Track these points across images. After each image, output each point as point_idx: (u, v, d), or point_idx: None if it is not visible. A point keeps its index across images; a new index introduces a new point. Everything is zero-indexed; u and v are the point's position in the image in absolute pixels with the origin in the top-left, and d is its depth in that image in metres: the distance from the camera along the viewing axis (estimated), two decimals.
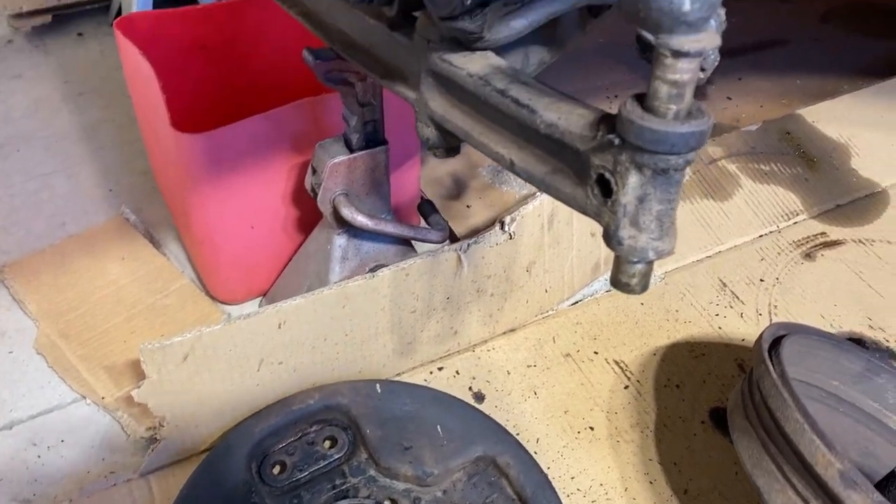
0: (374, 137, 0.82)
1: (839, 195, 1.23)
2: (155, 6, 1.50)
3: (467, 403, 0.87)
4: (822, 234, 1.18)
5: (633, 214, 0.47)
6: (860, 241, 1.17)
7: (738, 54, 1.64)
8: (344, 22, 0.73)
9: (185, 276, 1.07)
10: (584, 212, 0.51)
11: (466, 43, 0.59)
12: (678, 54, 0.41)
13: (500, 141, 0.57)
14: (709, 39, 0.41)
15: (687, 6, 0.39)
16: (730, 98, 1.51)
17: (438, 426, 0.84)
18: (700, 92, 1.54)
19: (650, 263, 0.49)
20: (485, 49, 0.60)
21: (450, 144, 0.66)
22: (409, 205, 1.06)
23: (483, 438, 0.83)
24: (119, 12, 1.53)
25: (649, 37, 0.41)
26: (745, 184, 1.23)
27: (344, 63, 0.77)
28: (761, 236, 1.17)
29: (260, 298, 1.04)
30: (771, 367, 0.67)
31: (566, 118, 0.50)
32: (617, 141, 0.45)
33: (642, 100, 0.44)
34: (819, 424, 0.88)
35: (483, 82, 0.56)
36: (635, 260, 0.48)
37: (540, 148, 0.53)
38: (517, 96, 0.53)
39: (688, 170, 0.46)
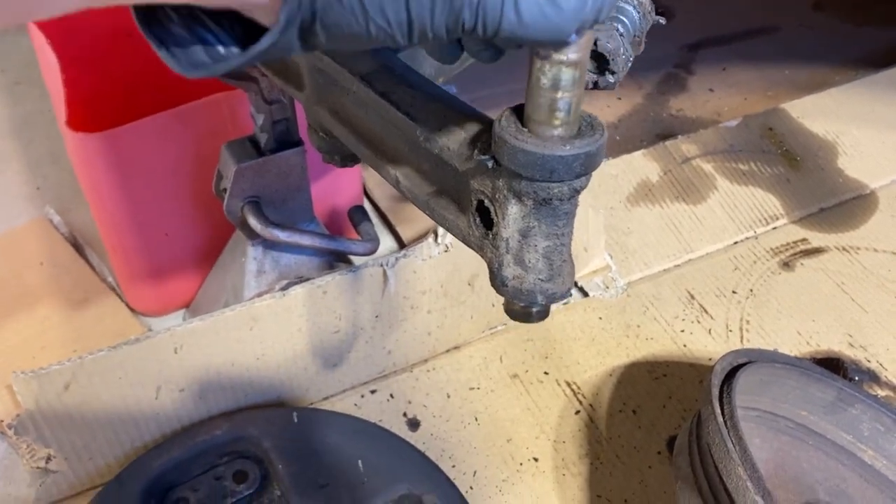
0: (286, 138, 0.73)
1: (823, 198, 1.14)
2: None
3: (394, 435, 0.79)
4: (803, 240, 1.08)
5: (516, 251, 0.38)
6: (844, 248, 1.08)
7: (724, 43, 1.53)
8: None
9: (106, 285, 0.99)
10: (468, 244, 0.42)
11: None
12: (551, 59, 0.32)
13: (386, 154, 0.48)
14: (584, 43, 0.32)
15: None
16: (712, 90, 1.41)
17: (360, 461, 0.75)
18: (680, 84, 1.45)
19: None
20: None
21: (345, 152, 0.57)
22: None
23: (409, 475, 0.75)
24: None
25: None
26: (721, 185, 1.13)
27: None
28: (736, 243, 1.08)
29: (184, 310, 0.96)
30: (718, 411, 0.58)
31: (447, 130, 0.41)
32: (491, 164, 0.36)
33: (521, 113, 0.36)
34: (787, 459, 0.79)
35: (365, 83, 0.47)
36: (523, 304, 0.40)
37: (426, 163, 0.45)
38: (398, 101, 0.45)
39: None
